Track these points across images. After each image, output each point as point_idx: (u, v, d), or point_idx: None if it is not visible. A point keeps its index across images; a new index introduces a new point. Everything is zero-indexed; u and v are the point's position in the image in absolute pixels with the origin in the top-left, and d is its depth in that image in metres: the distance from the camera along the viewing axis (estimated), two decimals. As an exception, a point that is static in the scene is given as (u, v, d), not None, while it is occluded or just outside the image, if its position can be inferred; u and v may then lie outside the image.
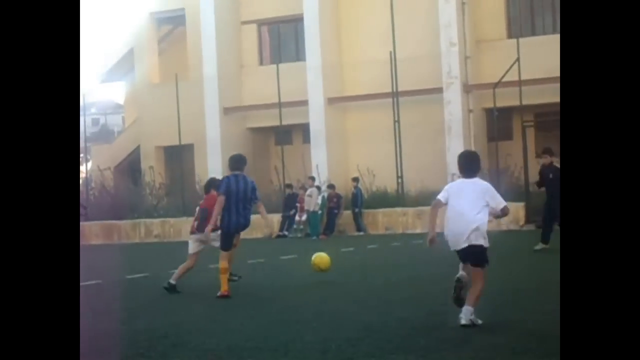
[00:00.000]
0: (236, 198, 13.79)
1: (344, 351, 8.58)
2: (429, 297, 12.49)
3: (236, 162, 14.18)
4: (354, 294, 13.42)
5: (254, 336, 9.76)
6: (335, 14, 37.15)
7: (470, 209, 9.66)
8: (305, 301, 12.75)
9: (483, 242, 9.67)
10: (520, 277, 14.90)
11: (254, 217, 14.78)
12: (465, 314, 9.49)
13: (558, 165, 19.62)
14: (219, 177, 38.39)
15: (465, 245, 9.72)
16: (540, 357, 7.85)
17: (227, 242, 14.02)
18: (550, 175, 19.74)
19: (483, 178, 10.22)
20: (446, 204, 9.92)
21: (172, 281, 14.67)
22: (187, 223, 34.77)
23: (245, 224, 14.15)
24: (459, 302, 9.69)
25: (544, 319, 9.79)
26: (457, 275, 9.90)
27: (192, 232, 15.14)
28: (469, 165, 10.05)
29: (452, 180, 33.20)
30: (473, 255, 9.71)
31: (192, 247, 14.92)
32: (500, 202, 9.72)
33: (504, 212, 9.83)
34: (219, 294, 13.58)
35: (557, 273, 14.28)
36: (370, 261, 18.74)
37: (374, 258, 18.90)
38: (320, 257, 15.69)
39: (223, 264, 13.80)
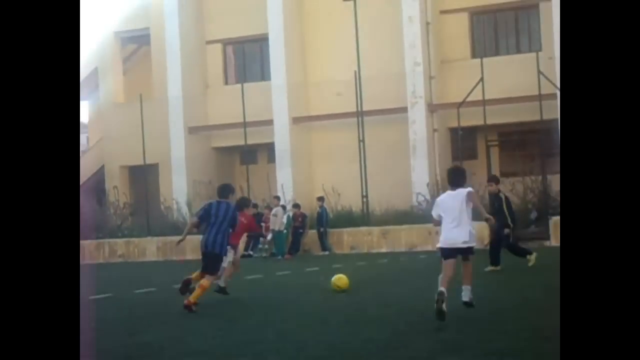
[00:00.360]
0: (214, 222, 14.64)
1: (308, 371, 8.56)
2: (394, 316, 12.47)
3: (222, 190, 15.28)
4: (318, 314, 13.38)
5: (218, 356, 9.71)
6: (300, 33, 37.24)
7: (459, 220, 11.64)
8: (269, 321, 12.71)
9: (473, 244, 11.84)
10: (484, 297, 14.91)
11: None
12: (466, 293, 11.72)
13: (501, 195, 19.81)
14: (183, 197, 38.24)
15: (460, 246, 11.72)
16: (503, 376, 7.86)
17: (203, 263, 14.89)
18: (496, 205, 19.90)
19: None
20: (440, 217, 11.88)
21: (222, 284, 16.12)
22: (151, 243, 34.75)
23: (210, 247, 14.67)
24: (441, 316, 10.92)
25: (505, 339, 9.81)
26: (439, 290, 11.26)
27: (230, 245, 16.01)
28: (453, 178, 12.04)
29: (417, 199, 33.39)
30: (464, 253, 11.83)
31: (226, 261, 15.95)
32: (467, 191, 11.74)
33: (469, 200, 11.68)
34: (185, 301, 14.17)
35: (517, 293, 14.34)
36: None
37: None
38: (339, 278, 16.68)
39: (205, 282, 14.57)
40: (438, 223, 12.08)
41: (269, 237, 32.18)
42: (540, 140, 31.79)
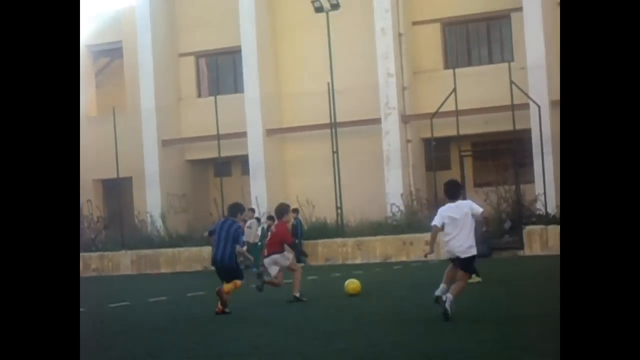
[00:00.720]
0: (218, 237, 15.98)
1: (283, 384, 8.55)
2: (369, 328, 12.47)
3: (231, 209, 16.76)
4: (293, 326, 13.36)
5: (192, 370, 9.68)
6: (273, 45, 37.25)
7: (459, 231, 12.56)
8: (243, 334, 12.68)
9: (473, 252, 12.66)
10: (457, 306, 14.94)
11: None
12: (448, 299, 12.27)
13: None
14: (157, 210, 38.09)
15: (459, 256, 12.61)
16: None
17: (217, 274, 16.28)
18: None
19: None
20: (442, 227, 12.73)
21: (296, 294, 17.12)
22: (125, 257, 34.61)
23: (219, 261, 16.05)
24: (447, 317, 12.14)
25: (479, 348, 9.83)
26: (435, 294, 12.47)
27: (265, 255, 17.75)
28: (451, 191, 13.18)
29: (392, 210, 33.42)
30: (462, 263, 12.67)
31: (272, 271, 17.40)
32: (478, 209, 12.83)
33: (484, 216, 13.22)
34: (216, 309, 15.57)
35: (493, 304, 14.39)
36: (310, 292, 18.68)
37: (314, 289, 18.86)
38: (352, 282, 17.80)
39: (227, 287, 15.75)
40: (436, 232, 12.99)
41: (244, 249, 32.07)
42: (513, 150, 31.92)
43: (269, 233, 29.94)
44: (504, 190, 31.63)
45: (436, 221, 12.83)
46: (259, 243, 31.85)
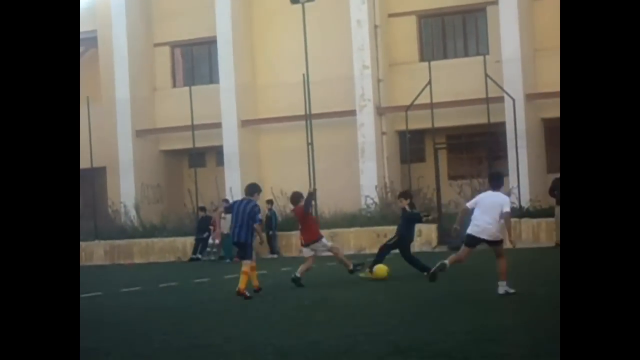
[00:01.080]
0: (236, 216, 16.90)
1: (255, 375, 8.54)
2: (341, 319, 12.48)
3: (248, 188, 17.59)
4: (266, 317, 13.36)
5: (164, 361, 9.66)
6: (249, 36, 37.16)
7: (490, 215, 13.97)
8: (217, 325, 12.66)
9: (499, 236, 14.34)
10: (430, 299, 14.99)
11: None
12: (502, 287, 14.07)
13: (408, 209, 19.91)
14: (131, 200, 37.90)
15: (485, 237, 14.24)
16: (449, 378, 7.89)
17: (237, 251, 17.67)
18: (400, 222, 20.12)
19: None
20: (472, 209, 14.21)
21: (298, 274, 18.28)
22: (98, 247, 34.48)
23: (238, 239, 16.87)
24: (433, 279, 14.40)
25: (451, 340, 9.86)
26: (442, 262, 14.29)
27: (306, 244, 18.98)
28: (494, 181, 14.78)
29: (366, 202, 33.45)
30: (492, 244, 14.41)
31: (306, 253, 18.92)
32: (506, 208, 14.16)
33: (501, 216, 14.09)
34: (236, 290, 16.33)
35: (462, 295, 14.42)
36: (284, 284, 18.68)
37: (287, 281, 18.84)
38: (380, 268, 18.75)
39: (245, 268, 16.68)
40: (464, 212, 14.64)
41: (217, 240, 32.06)
42: (488, 143, 31.99)
43: (211, 227, 30.11)
44: (478, 183, 31.67)
45: (469, 203, 14.55)
46: (233, 234, 31.83)
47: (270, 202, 32.93)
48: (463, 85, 32.51)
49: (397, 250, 19.62)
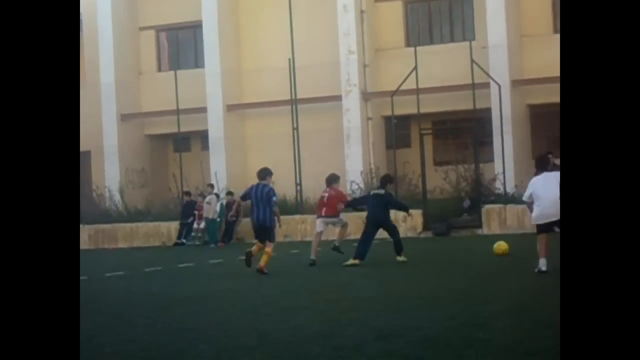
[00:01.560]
0: (255, 201, 17.97)
1: (238, 359, 8.51)
2: (324, 305, 12.48)
3: (260, 173, 18.57)
4: (250, 302, 13.34)
5: (147, 345, 9.63)
6: (235, 20, 37.02)
7: (554, 194, 13.89)
8: (201, 309, 12.64)
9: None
10: (415, 285, 14.99)
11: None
12: (543, 264, 14.68)
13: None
14: (116, 184, 37.66)
15: (553, 219, 14.44)
16: (433, 364, 7.89)
17: (255, 234, 18.45)
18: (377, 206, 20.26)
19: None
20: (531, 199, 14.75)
21: (312, 257, 19.57)
22: (83, 231, 34.36)
23: (258, 222, 17.96)
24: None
25: (434, 326, 9.86)
26: (540, 260, 14.76)
27: (318, 216, 20.66)
28: (542, 163, 15.38)
29: (351, 188, 33.44)
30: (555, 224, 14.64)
31: (318, 227, 20.48)
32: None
33: None
34: (257, 266, 17.69)
35: (446, 282, 14.41)
36: (267, 269, 18.66)
37: (271, 266, 18.82)
38: (499, 245, 19.32)
39: (268, 249, 17.96)
40: (529, 205, 15.02)
41: (202, 225, 32.03)
42: (473, 129, 31.98)
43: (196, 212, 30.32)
44: (463, 169, 31.71)
45: (526, 196, 15.07)
46: (218, 219, 31.80)
47: (255, 187, 32.87)
48: (449, 71, 32.48)
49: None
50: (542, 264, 14.68)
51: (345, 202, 20.86)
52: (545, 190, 14.50)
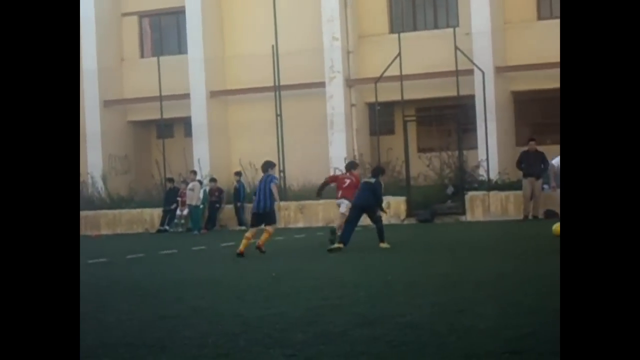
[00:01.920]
0: (260, 191, 19.49)
1: (222, 346, 8.48)
2: (308, 291, 12.45)
3: (263, 166, 20.12)
4: (233, 289, 13.31)
5: (130, 332, 9.59)
6: (218, 6, 36.89)
7: None
8: (184, 296, 12.60)
9: None
10: (398, 271, 14.99)
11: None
12: None
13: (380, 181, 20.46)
14: (98, 171, 37.45)
15: None
16: (415, 350, 7.87)
17: (253, 221, 20.05)
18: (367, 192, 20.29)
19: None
20: None
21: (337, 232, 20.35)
22: (66, 218, 34.25)
23: (259, 209, 19.39)
24: None
25: (417, 312, 9.86)
26: None
27: (343, 197, 21.32)
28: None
29: (335, 174, 33.41)
30: None
31: (343, 207, 21.07)
32: None
33: None
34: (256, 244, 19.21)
35: (428, 269, 14.41)
36: (251, 255, 18.64)
37: (255, 252, 18.82)
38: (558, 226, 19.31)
39: (270, 229, 19.51)
40: None
41: (185, 211, 31.98)
42: (457, 115, 32.00)
43: (179, 198, 30.38)
44: (447, 156, 31.74)
45: None
46: (201, 206, 31.75)
47: (238, 173, 32.88)
48: (433, 58, 32.46)
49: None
50: None
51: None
52: None
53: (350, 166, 22.49)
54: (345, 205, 20.99)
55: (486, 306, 10.10)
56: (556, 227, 19.35)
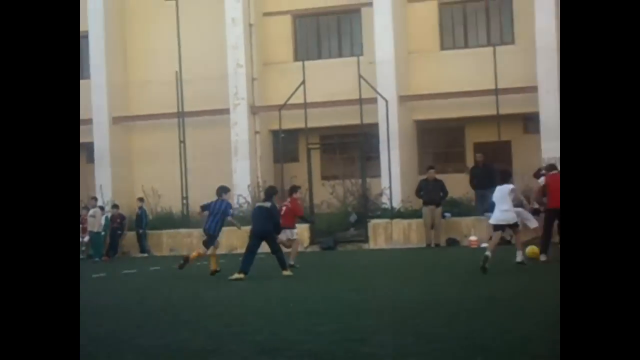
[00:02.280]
0: (213, 214, 20.55)
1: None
2: (209, 319, 12.34)
3: (218, 190, 21.06)
4: (133, 317, 13.11)
5: None
6: (122, 31, 36.58)
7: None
8: (84, 323, 12.35)
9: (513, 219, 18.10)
10: (300, 298, 14.95)
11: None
12: (519, 256, 18.15)
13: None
14: None
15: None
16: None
17: (204, 240, 21.09)
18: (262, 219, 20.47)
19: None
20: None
21: (292, 262, 20.91)
22: None
23: (214, 232, 20.58)
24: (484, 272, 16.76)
25: (318, 341, 9.82)
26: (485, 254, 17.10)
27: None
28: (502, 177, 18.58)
29: (238, 201, 33.19)
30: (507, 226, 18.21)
31: (282, 236, 20.99)
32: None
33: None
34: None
35: (330, 296, 14.36)
36: (153, 283, 18.43)
37: (157, 280, 18.61)
38: (532, 248, 20.29)
39: (210, 252, 20.78)
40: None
41: (86, 238, 31.50)
42: (361, 143, 32.21)
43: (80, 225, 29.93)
44: (350, 184, 31.91)
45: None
46: (103, 232, 31.32)
47: (141, 199, 32.55)
48: (337, 86, 32.65)
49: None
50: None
51: (299, 215, 22.91)
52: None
53: (290, 191, 23.01)
54: (288, 234, 21.69)
55: (386, 334, 10.11)
56: (530, 249, 20.08)
